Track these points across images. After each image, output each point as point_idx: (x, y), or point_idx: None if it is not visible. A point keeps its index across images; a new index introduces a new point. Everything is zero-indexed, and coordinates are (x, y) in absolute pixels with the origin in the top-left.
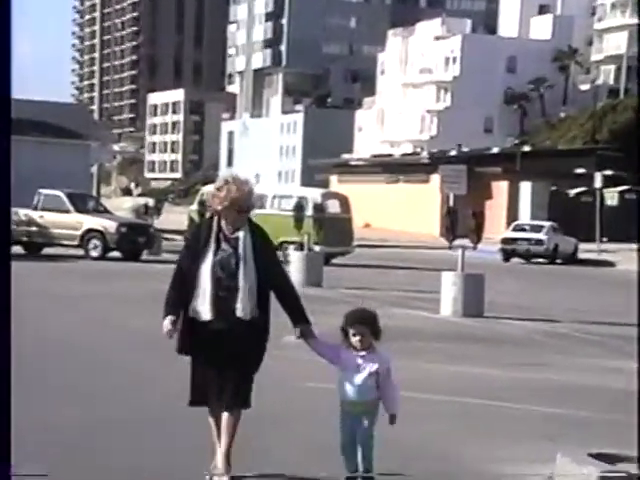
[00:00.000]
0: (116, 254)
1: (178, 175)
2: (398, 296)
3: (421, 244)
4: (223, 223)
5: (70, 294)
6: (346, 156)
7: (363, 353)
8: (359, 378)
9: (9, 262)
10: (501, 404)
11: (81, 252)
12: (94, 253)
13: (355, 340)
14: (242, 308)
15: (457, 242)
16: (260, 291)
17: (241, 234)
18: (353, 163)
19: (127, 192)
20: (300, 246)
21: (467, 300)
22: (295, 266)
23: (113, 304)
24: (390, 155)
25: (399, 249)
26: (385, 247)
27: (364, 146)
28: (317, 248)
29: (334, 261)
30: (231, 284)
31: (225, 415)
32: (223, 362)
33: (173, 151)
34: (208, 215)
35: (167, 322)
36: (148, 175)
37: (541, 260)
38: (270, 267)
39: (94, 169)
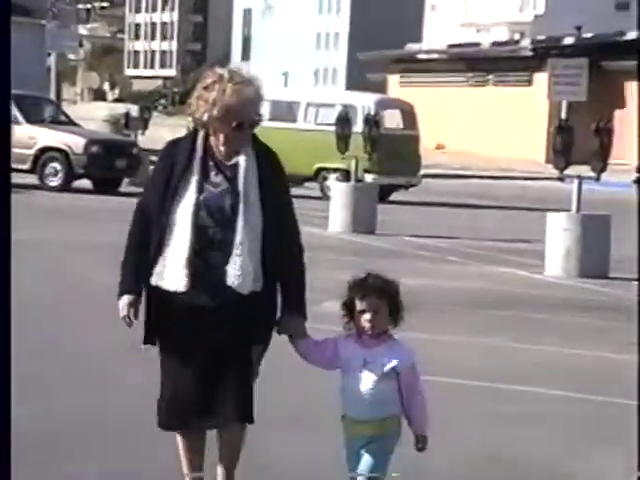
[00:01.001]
0: (85, 183)
1: (172, 72)
2: (486, 248)
3: (518, 174)
4: (213, 142)
5: (17, 239)
6: (412, 47)
7: (372, 343)
8: (368, 382)
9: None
10: None
11: (35, 180)
12: (53, 182)
13: (364, 320)
14: (238, 275)
15: (571, 170)
16: (266, 250)
17: (242, 161)
18: (422, 57)
19: (100, 96)
20: (345, 175)
21: (585, 254)
22: (337, 203)
23: (76, 256)
24: (476, 45)
25: (486, 180)
26: (466, 177)
27: (438, 33)
28: (369, 178)
29: (393, 197)
30: (223, 237)
31: (222, 437)
32: (207, 357)
33: (165, 37)
34: (191, 129)
35: (124, 303)
36: (129, 72)
37: None
38: (279, 215)
39: (51, 61)
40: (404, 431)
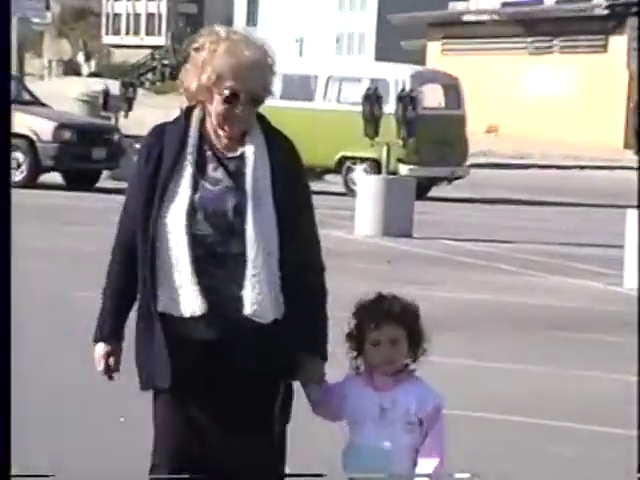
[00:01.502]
0: (54, 177)
1: (161, 40)
2: (549, 254)
3: (590, 162)
4: (210, 126)
5: None
6: (457, 6)
7: (391, 383)
8: (388, 435)
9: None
10: None
11: None
12: (15, 176)
13: (379, 354)
14: (255, 302)
15: None
16: (285, 266)
17: (249, 151)
18: (469, 19)
19: (72, 69)
20: (374, 166)
21: None
22: (365, 200)
23: (46, 267)
24: (537, 2)
25: (549, 170)
26: (525, 167)
27: None
28: (404, 169)
29: (434, 192)
30: (225, 250)
31: None
32: (215, 409)
33: None
34: (183, 110)
35: (101, 353)
36: (108, 39)
37: None
38: (297, 223)
39: (12, 27)
40: None
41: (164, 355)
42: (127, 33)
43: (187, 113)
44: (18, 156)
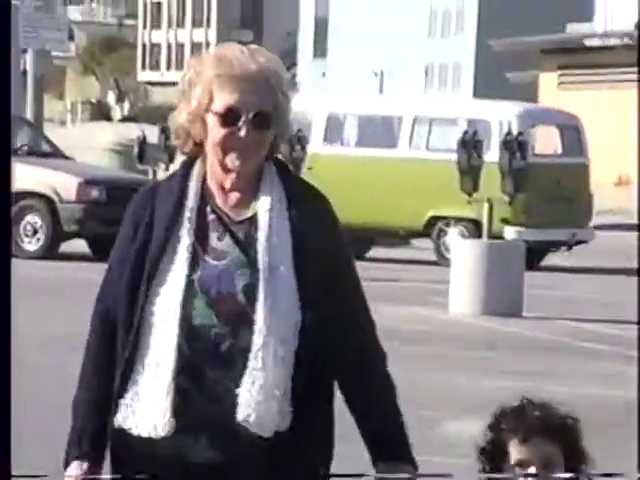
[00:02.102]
0: (79, 245)
1: None
2: None
3: None
4: (211, 178)
5: None
6: (577, 27)
7: None
8: None
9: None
10: None
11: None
12: (31, 245)
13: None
14: (254, 405)
15: None
16: (304, 359)
17: (262, 209)
18: (592, 44)
19: (101, 113)
20: (474, 227)
21: None
22: (462, 270)
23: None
24: None
25: None
26: None
27: (617, 10)
28: (511, 232)
29: (549, 260)
30: (232, 344)
31: None
32: None
33: (199, 24)
34: (175, 161)
35: (73, 476)
36: (144, 76)
37: None
38: (334, 301)
39: (27, 61)
40: None
41: None
42: (168, 68)
43: (185, 168)
44: (35, 220)
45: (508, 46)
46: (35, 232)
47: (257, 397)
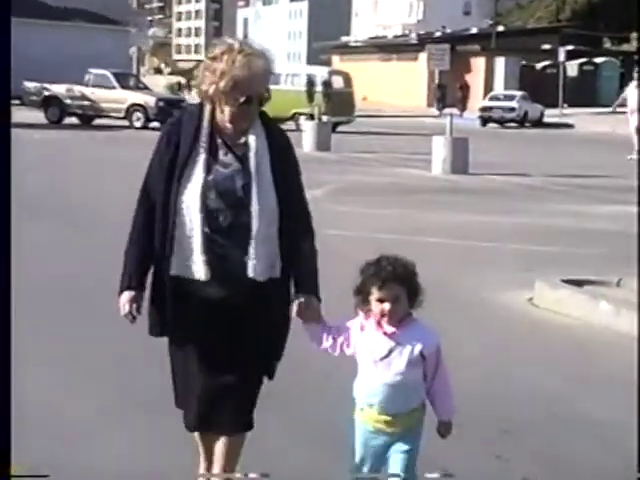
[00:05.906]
0: (156, 124)
1: (201, 57)
2: (396, 157)
3: (412, 113)
4: (220, 119)
5: (115, 158)
6: (345, 38)
7: (395, 330)
8: (394, 371)
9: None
10: (486, 244)
11: (126, 123)
12: (137, 124)
13: (384, 309)
14: (255, 264)
15: (446, 110)
16: (283, 235)
17: (251, 139)
18: (352, 44)
19: (158, 71)
20: (311, 116)
21: (454, 160)
22: (307, 134)
23: None
24: (384, 37)
25: (393, 118)
26: (381, 117)
27: (361, 29)
28: (325, 118)
29: (339, 129)
30: (234, 222)
31: (220, 443)
32: (218, 352)
33: (197, 35)
34: (195, 102)
35: (125, 300)
36: (176, 57)
37: (513, 124)
38: (293, 198)
39: (133, 51)
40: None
41: (174, 309)
42: (185, 53)
43: (200, 107)
44: (138, 114)
45: (320, 45)
46: (139, 119)
47: (254, 260)
